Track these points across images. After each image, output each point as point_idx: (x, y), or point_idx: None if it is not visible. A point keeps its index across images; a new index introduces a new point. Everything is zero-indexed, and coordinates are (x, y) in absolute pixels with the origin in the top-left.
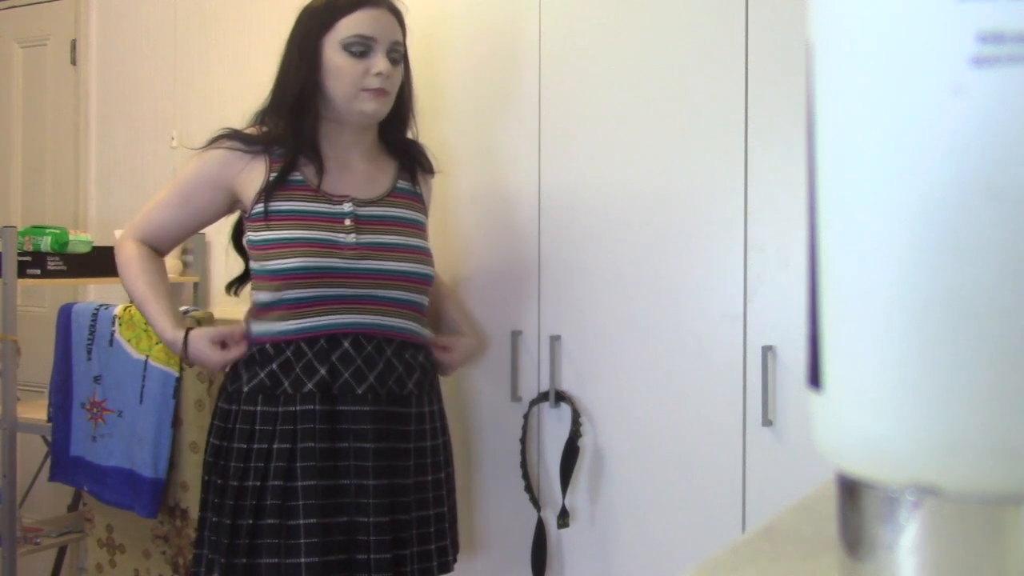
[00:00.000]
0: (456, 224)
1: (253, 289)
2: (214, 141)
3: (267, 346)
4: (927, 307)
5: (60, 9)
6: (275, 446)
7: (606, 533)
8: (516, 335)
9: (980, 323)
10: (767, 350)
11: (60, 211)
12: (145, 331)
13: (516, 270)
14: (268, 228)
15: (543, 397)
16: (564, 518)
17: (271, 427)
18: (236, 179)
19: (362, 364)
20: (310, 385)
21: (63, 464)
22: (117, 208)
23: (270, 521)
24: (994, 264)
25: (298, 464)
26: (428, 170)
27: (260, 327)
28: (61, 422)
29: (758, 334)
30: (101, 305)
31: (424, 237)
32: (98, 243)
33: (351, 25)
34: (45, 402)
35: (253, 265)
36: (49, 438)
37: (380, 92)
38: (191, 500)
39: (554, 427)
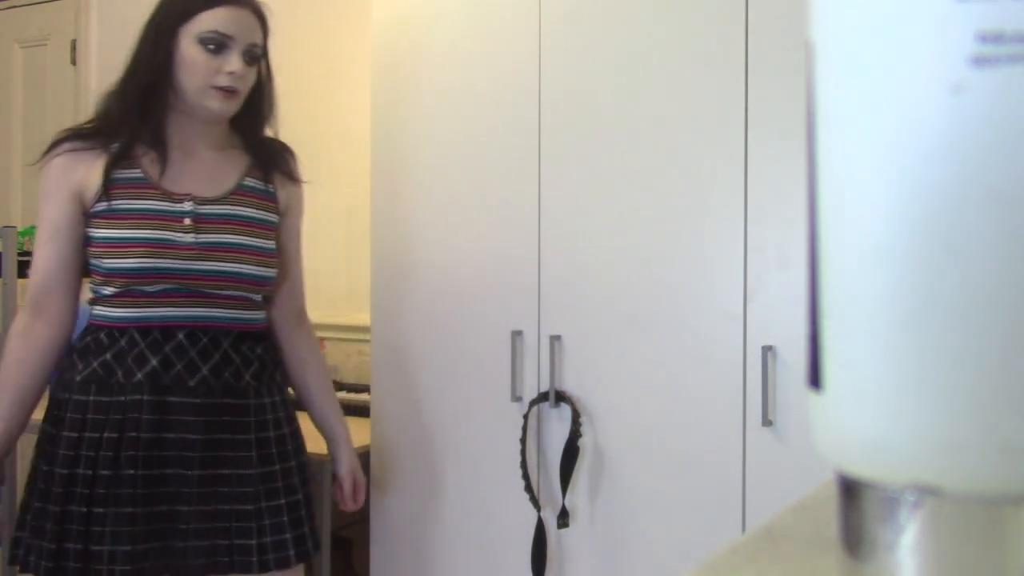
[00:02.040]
0: (456, 224)
1: (92, 283)
2: (51, 149)
3: (102, 336)
4: (927, 307)
5: (60, 9)
6: (105, 435)
7: (606, 533)
8: (516, 335)
9: (980, 323)
10: (767, 350)
11: None
12: None
13: (516, 270)
14: (108, 226)
15: (543, 397)
16: (564, 518)
17: (103, 416)
18: (82, 182)
19: (196, 356)
20: (140, 375)
21: None
22: None
23: (99, 510)
24: (993, 264)
25: (122, 453)
26: (289, 176)
27: (98, 311)
28: None
29: (758, 334)
30: None
31: (270, 237)
32: None
33: (210, 20)
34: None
35: (91, 262)
36: None
37: (230, 91)
38: None
39: (554, 427)
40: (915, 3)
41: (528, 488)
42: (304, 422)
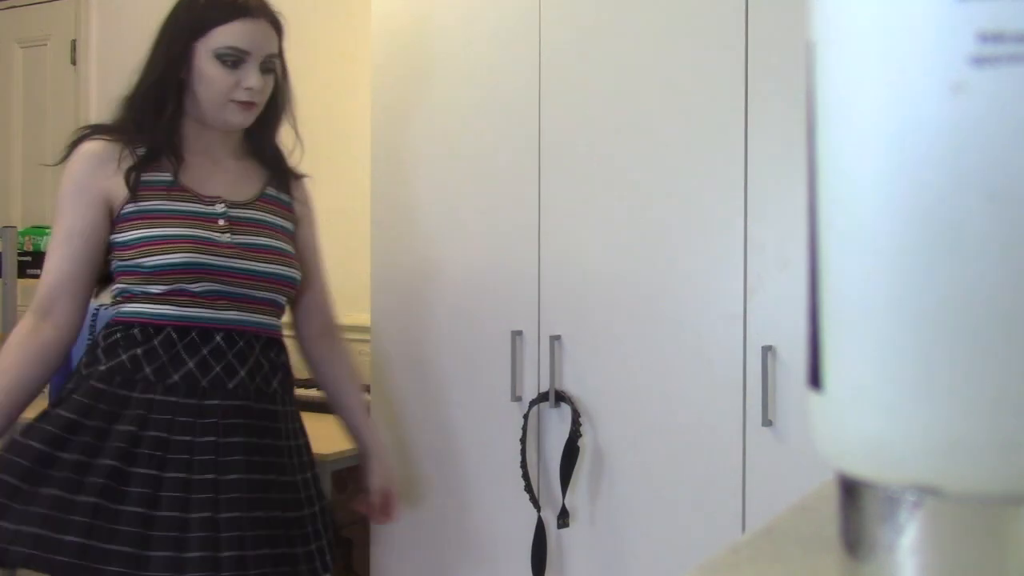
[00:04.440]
0: (456, 224)
1: (126, 283)
2: (74, 145)
3: (134, 331)
4: (927, 307)
5: (60, 9)
6: (116, 427)
7: (606, 533)
8: (516, 335)
9: (980, 322)
10: (767, 350)
11: None
12: None
13: (516, 270)
14: (144, 226)
15: (543, 397)
16: (564, 518)
17: (119, 410)
18: (109, 185)
19: (233, 359)
20: (175, 377)
21: None
22: None
23: (109, 504)
24: (993, 263)
25: (141, 450)
26: (300, 189)
27: (133, 308)
28: None
29: (758, 334)
30: (101, 305)
31: (291, 244)
32: None
33: (226, 36)
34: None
35: (124, 264)
36: None
37: (248, 105)
38: None
39: (554, 427)
40: (915, 3)
41: (528, 488)
42: (313, 422)
